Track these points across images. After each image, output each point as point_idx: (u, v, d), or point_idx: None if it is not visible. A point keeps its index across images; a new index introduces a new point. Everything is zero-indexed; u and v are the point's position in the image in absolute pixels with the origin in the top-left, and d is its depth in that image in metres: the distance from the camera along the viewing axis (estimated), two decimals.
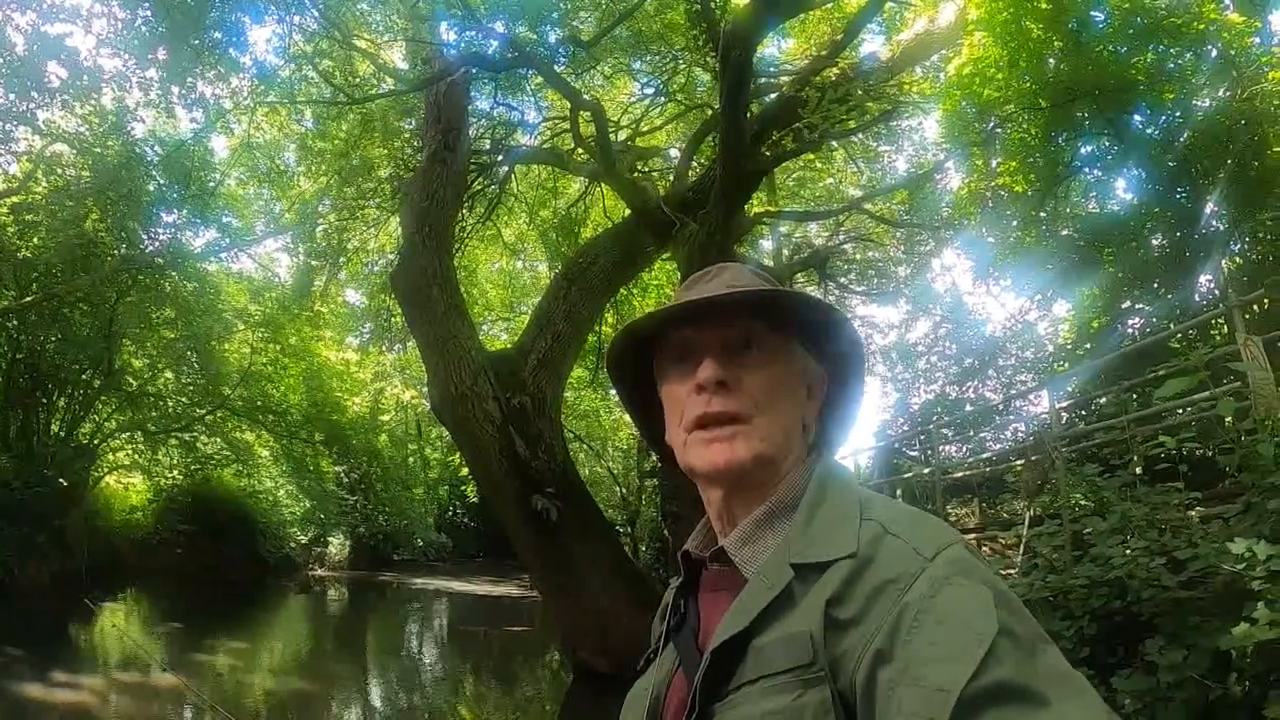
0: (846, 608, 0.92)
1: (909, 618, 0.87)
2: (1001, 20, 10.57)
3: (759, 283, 1.21)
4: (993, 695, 0.77)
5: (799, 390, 1.19)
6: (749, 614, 1.00)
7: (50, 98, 16.32)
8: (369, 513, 34.91)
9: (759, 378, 1.14)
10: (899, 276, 20.90)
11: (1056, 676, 0.81)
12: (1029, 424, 15.48)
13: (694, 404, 1.14)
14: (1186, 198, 11.03)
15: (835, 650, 0.91)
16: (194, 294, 22.33)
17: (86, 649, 15.72)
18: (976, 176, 12.69)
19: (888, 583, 0.92)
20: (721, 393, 1.12)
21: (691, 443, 1.15)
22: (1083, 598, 5.48)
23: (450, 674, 15.48)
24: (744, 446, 1.11)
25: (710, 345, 1.15)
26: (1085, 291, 12.93)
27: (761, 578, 1.04)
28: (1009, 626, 0.83)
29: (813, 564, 0.99)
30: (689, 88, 14.92)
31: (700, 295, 1.16)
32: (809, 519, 1.06)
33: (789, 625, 0.97)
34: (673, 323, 1.19)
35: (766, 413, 1.13)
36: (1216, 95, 10.74)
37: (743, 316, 1.16)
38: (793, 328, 1.19)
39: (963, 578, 0.89)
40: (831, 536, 1.01)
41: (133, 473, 27.48)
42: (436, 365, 11.05)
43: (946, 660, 0.81)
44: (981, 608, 0.85)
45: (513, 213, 18.79)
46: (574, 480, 12.05)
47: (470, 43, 12.99)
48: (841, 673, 0.90)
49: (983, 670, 0.79)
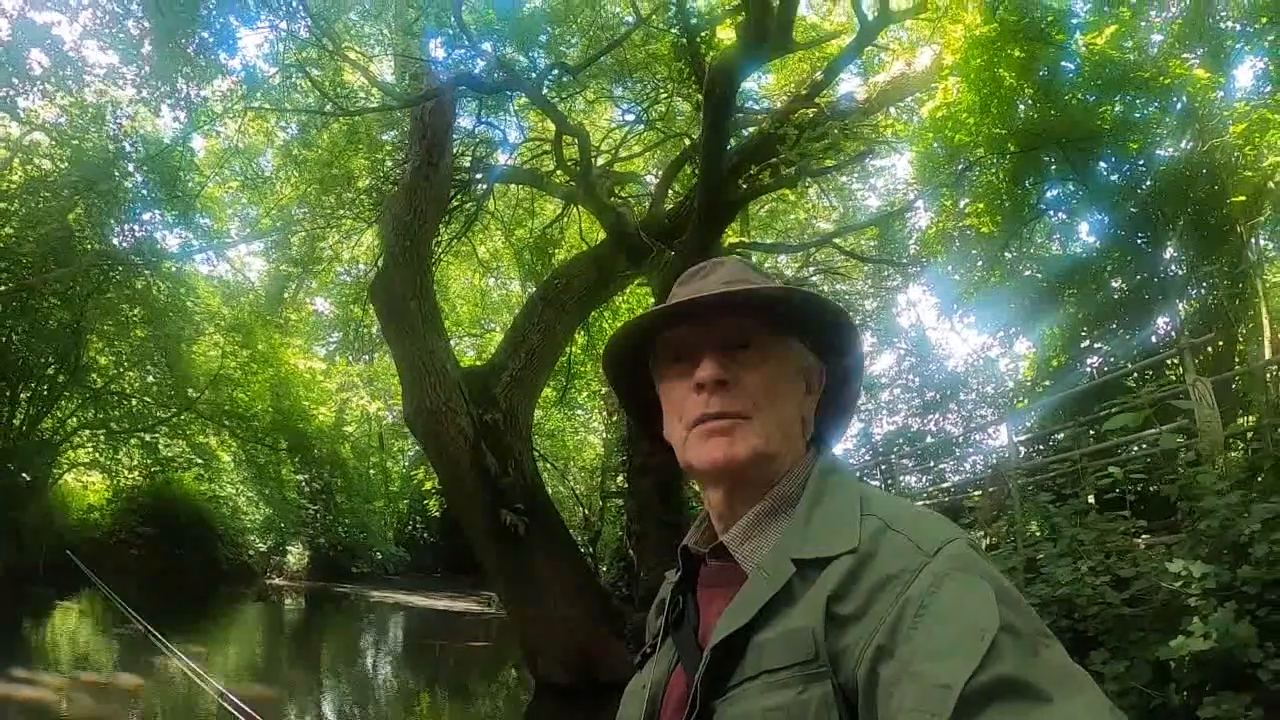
0: (848, 603, 0.93)
1: (910, 613, 0.87)
2: (975, 66, 10.75)
3: (755, 279, 1.23)
4: (995, 691, 0.78)
5: (798, 386, 1.20)
6: (750, 610, 1.01)
7: (31, 85, 16.14)
8: (329, 523, 34.51)
9: (758, 375, 1.15)
10: (866, 310, 21.15)
11: (1059, 672, 0.81)
12: (987, 456, 15.73)
13: (693, 403, 1.15)
14: (1147, 242, 11.30)
15: (837, 645, 0.91)
16: (167, 294, 22.14)
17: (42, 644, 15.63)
18: (945, 216, 12.95)
19: (889, 578, 0.92)
20: (721, 391, 1.13)
21: (691, 441, 1.15)
22: None
23: (408, 687, 15.42)
24: (743, 444, 1.11)
25: (709, 343, 1.16)
26: (1046, 330, 13.14)
27: (762, 573, 1.05)
28: (1011, 622, 0.83)
29: (814, 559, 1.00)
30: (669, 117, 15.14)
31: (697, 292, 1.18)
32: (810, 514, 1.07)
33: (790, 621, 0.97)
34: (672, 320, 1.20)
35: (765, 410, 1.14)
36: (1179, 145, 11.07)
37: (742, 314, 1.17)
38: (792, 324, 1.20)
39: (964, 573, 0.90)
40: (833, 532, 1.01)
41: (92, 471, 27.01)
42: (411, 378, 11.11)
43: (948, 656, 0.81)
44: (983, 603, 0.85)
45: (488, 230, 18.90)
46: (542, 497, 12.16)
47: (459, 61, 13.19)
48: (843, 668, 0.90)
49: (985, 666, 0.79)
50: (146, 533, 25.21)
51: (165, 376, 24.78)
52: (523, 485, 11.23)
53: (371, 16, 15.42)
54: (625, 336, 1.26)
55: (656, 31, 12.74)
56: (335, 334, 26.74)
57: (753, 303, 1.16)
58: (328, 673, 16.37)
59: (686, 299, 1.15)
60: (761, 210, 17.57)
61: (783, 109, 11.66)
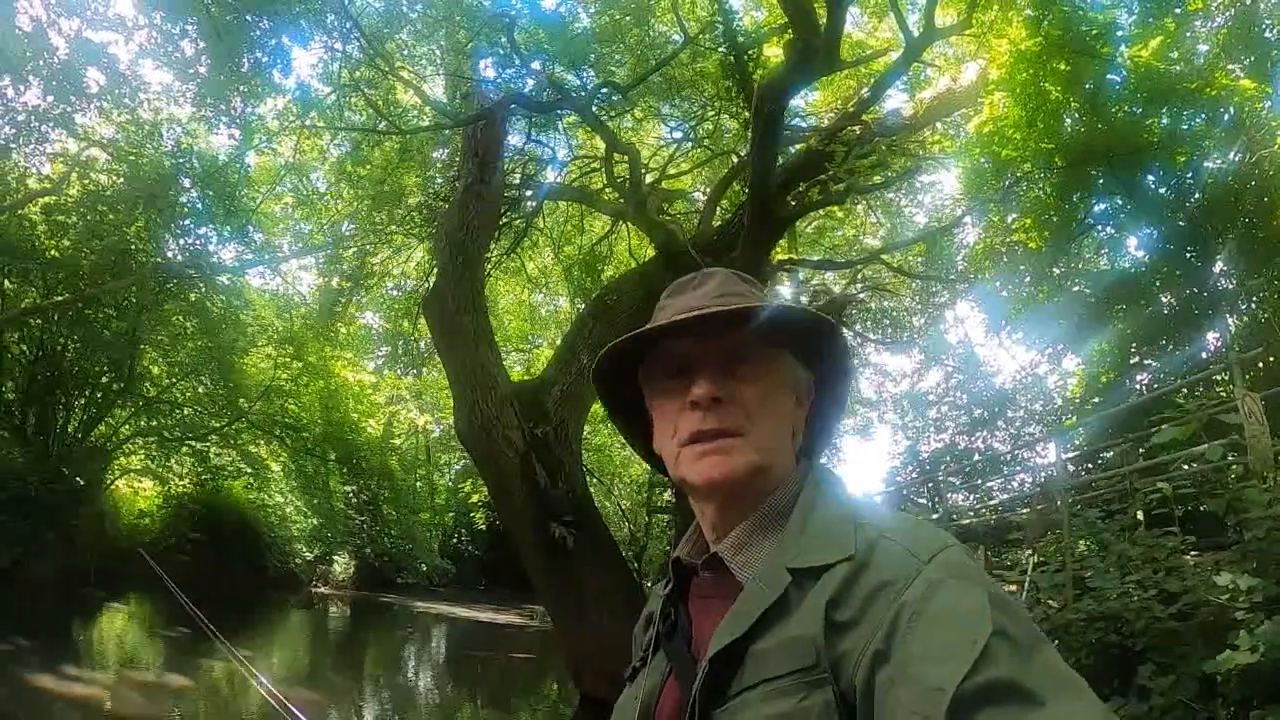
0: (845, 610, 0.94)
1: (905, 618, 0.88)
2: (1021, 81, 10.77)
3: (748, 291, 1.24)
4: (988, 694, 0.79)
5: (789, 399, 1.22)
6: (748, 619, 1.01)
7: (88, 103, 16.55)
8: (375, 534, 34.79)
9: (752, 390, 1.16)
10: (913, 326, 21.01)
11: (1053, 676, 0.82)
12: (1035, 474, 15.63)
13: (688, 419, 1.16)
14: (1196, 257, 11.23)
15: (835, 652, 0.92)
16: (221, 306, 22.57)
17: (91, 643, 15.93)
18: (993, 232, 12.93)
19: (885, 585, 0.93)
20: (716, 408, 1.14)
21: (685, 457, 1.16)
22: (1081, 631, 5.76)
23: (449, 696, 15.50)
24: (740, 460, 1.12)
25: (703, 359, 1.17)
26: (1095, 346, 13.07)
27: (758, 583, 1.05)
28: (1004, 627, 0.84)
29: (809, 569, 1.00)
30: (715, 134, 15.22)
31: (689, 304, 1.19)
32: (804, 525, 1.08)
33: (789, 629, 0.98)
34: (664, 334, 1.20)
35: (760, 424, 1.15)
36: (1228, 158, 10.99)
37: (736, 329, 1.17)
38: (784, 338, 1.21)
39: (958, 580, 0.91)
40: (827, 541, 1.03)
41: (144, 478, 27.48)
42: (464, 392, 11.16)
43: (942, 660, 0.83)
44: (977, 608, 0.87)
45: (537, 246, 19.05)
46: (590, 511, 12.21)
47: (509, 81, 13.37)
48: (842, 674, 0.91)
49: (977, 669, 0.80)
50: (196, 539, 25.53)
51: (218, 386, 25.14)
52: (571, 498, 11.27)
53: (423, 37, 15.62)
54: (619, 350, 1.25)
55: (704, 50, 12.84)
56: (384, 348, 27.00)
57: (748, 316, 1.17)
58: (371, 680, 16.51)
59: (687, 315, 1.16)
60: (809, 227, 17.54)
61: (830, 126, 11.71)
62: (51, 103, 15.86)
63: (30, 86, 15.45)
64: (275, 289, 26.54)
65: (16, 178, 19.09)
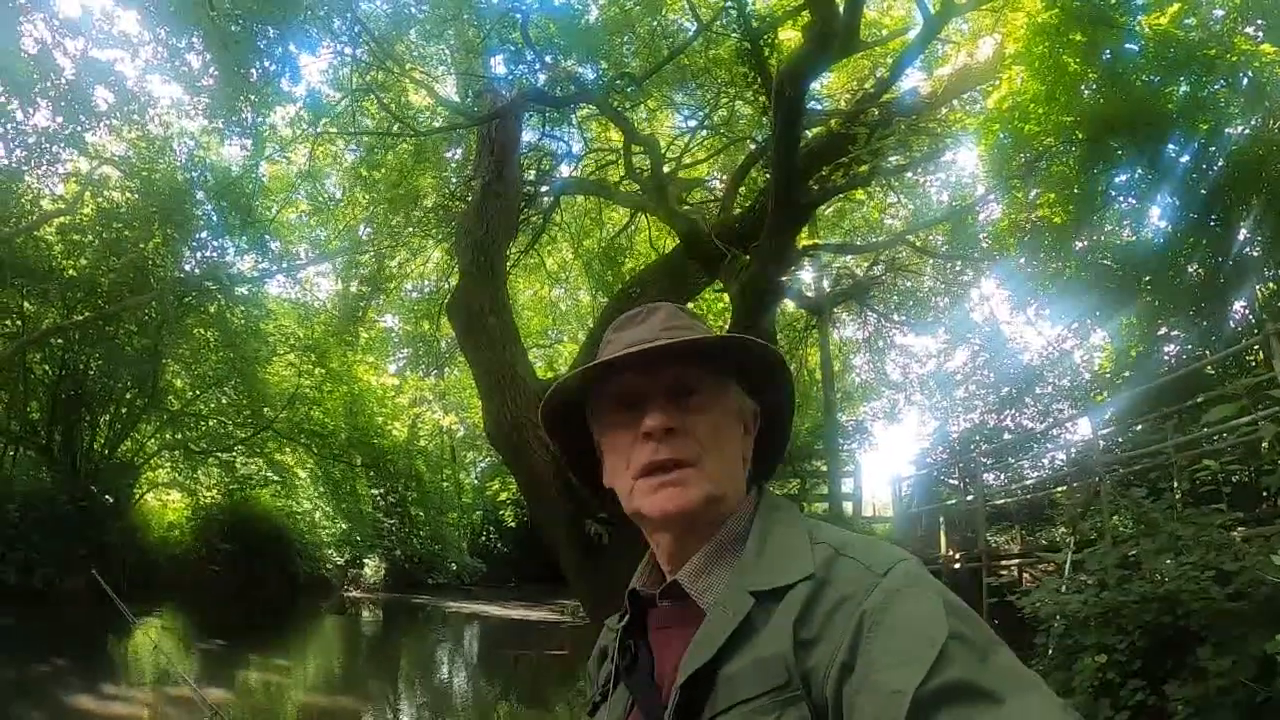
0: (810, 627, 0.96)
1: (866, 628, 0.91)
2: (1039, 54, 10.67)
3: (694, 324, 1.27)
4: (946, 695, 0.82)
5: (738, 428, 1.24)
6: (714, 644, 1.02)
7: (97, 121, 16.61)
8: (404, 536, 35.11)
9: (703, 421, 1.18)
10: (938, 306, 21.01)
11: (1010, 675, 0.85)
12: (1068, 452, 15.54)
13: (641, 451, 1.17)
14: (1220, 225, 11.11)
15: (804, 668, 0.95)
16: (241, 317, 22.74)
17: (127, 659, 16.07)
18: (1015, 208, 12.82)
19: (845, 599, 0.96)
20: (669, 440, 1.15)
21: (639, 490, 1.17)
22: (1134, 613, 5.68)
23: (485, 696, 15.60)
24: (695, 491, 1.14)
25: (654, 392, 1.18)
26: (1123, 320, 13.01)
27: (721, 608, 1.07)
28: (960, 631, 0.88)
29: (771, 590, 1.02)
30: (731, 121, 15.15)
31: (635, 339, 1.21)
32: (761, 548, 1.10)
33: (758, 650, 0.99)
34: (613, 369, 1.21)
35: (712, 454, 1.17)
36: (1250, 123, 10.86)
37: (686, 362, 1.19)
38: (730, 369, 1.24)
39: (914, 588, 0.95)
40: (787, 562, 1.05)
41: (171, 490, 27.83)
42: (492, 394, 11.09)
43: (900, 664, 0.85)
44: (933, 615, 0.90)
45: (555, 242, 19.01)
46: None
47: (520, 76, 13.30)
48: (813, 689, 0.93)
49: (935, 672, 0.83)
50: (226, 549, 25.77)
51: (241, 396, 25.39)
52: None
53: (432, 36, 15.57)
54: (567, 388, 1.27)
55: (717, 37, 12.75)
56: (405, 350, 27.06)
57: (697, 349, 1.19)
58: (407, 682, 16.65)
59: (640, 348, 1.16)
60: (829, 210, 17.41)
61: (850, 109, 11.59)
62: (61, 123, 15.92)
63: (39, 108, 15.52)
64: (295, 297, 26.66)
65: (30, 200, 19.22)
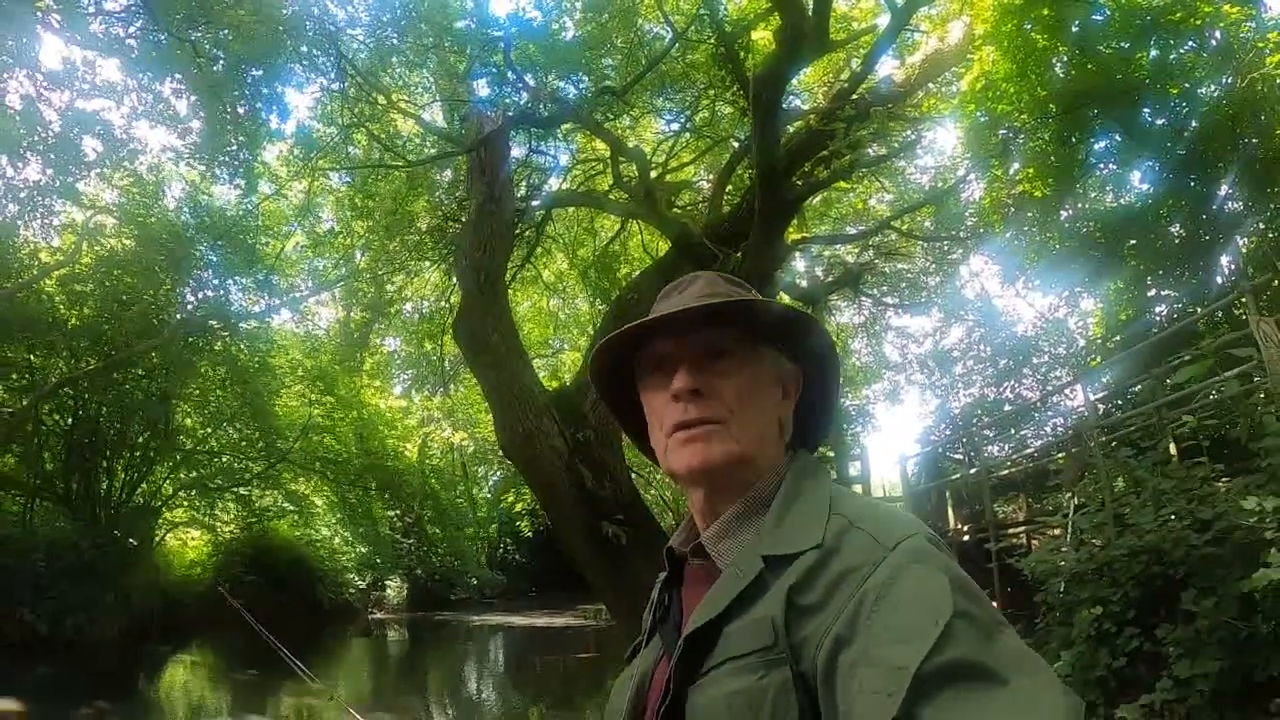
0: (809, 594, 0.98)
1: (869, 603, 0.92)
2: (1007, 33, 10.83)
3: (731, 291, 1.29)
4: (950, 673, 0.82)
5: (773, 391, 1.26)
6: (720, 603, 1.06)
7: (87, 171, 16.67)
8: (423, 554, 35.30)
9: (732, 383, 1.21)
10: (930, 286, 21.04)
11: (1014, 656, 0.85)
12: (1067, 417, 15.71)
13: (671, 411, 1.21)
14: (1199, 184, 11.25)
15: (798, 635, 0.96)
16: (247, 353, 22.90)
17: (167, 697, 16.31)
18: (997, 185, 12.99)
19: (849, 571, 0.97)
20: (696, 400, 1.19)
21: (671, 447, 1.22)
22: (1125, 565, 5.96)
23: (516, 703, 15.84)
24: (718, 447, 1.18)
25: (684, 355, 1.22)
26: (1111, 285, 13.15)
27: (734, 569, 1.10)
28: (965, 609, 0.88)
29: (782, 556, 1.05)
30: (712, 122, 15.36)
31: (673, 307, 1.24)
32: (782, 514, 1.13)
33: (755, 611, 1.02)
34: (649, 335, 1.26)
35: (740, 415, 1.20)
36: (1221, 83, 11.04)
37: (717, 325, 1.22)
38: (765, 333, 1.26)
39: (921, 564, 0.95)
40: (801, 530, 1.07)
41: (191, 528, 27.86)
42: (503, 409, 11.21)
43: (904, 641, 0.85)
44: (939, 591, 0.90)
45: (550, 253, 19.19)
46: (639, 507, 12.33)
47: (504, 97, 13.53)
48: (804, 656, 0.95)
49: (939, 649, 0.83)
50: (249, 581, 25.89)
51: (253, 430, 25.43)
52: (619, 497, 11.38)
53: (415, 65, 15.73)
54: (607, 352, 1.34)
55: (693, 43, 12.98)
56: (409, 371, 27.19)
57: (726, 313, 1.22)
58: (436, 695, 16.82)
59: (663, 314, 1.23)
60: (816, 200, 17.53)
61: (827, 105, 11.80)
62: (51, 176, 15.98)
63: (29, 162, 15.56)
64: (298, 328, 26.79)
65: (28, 253, 19.32)
